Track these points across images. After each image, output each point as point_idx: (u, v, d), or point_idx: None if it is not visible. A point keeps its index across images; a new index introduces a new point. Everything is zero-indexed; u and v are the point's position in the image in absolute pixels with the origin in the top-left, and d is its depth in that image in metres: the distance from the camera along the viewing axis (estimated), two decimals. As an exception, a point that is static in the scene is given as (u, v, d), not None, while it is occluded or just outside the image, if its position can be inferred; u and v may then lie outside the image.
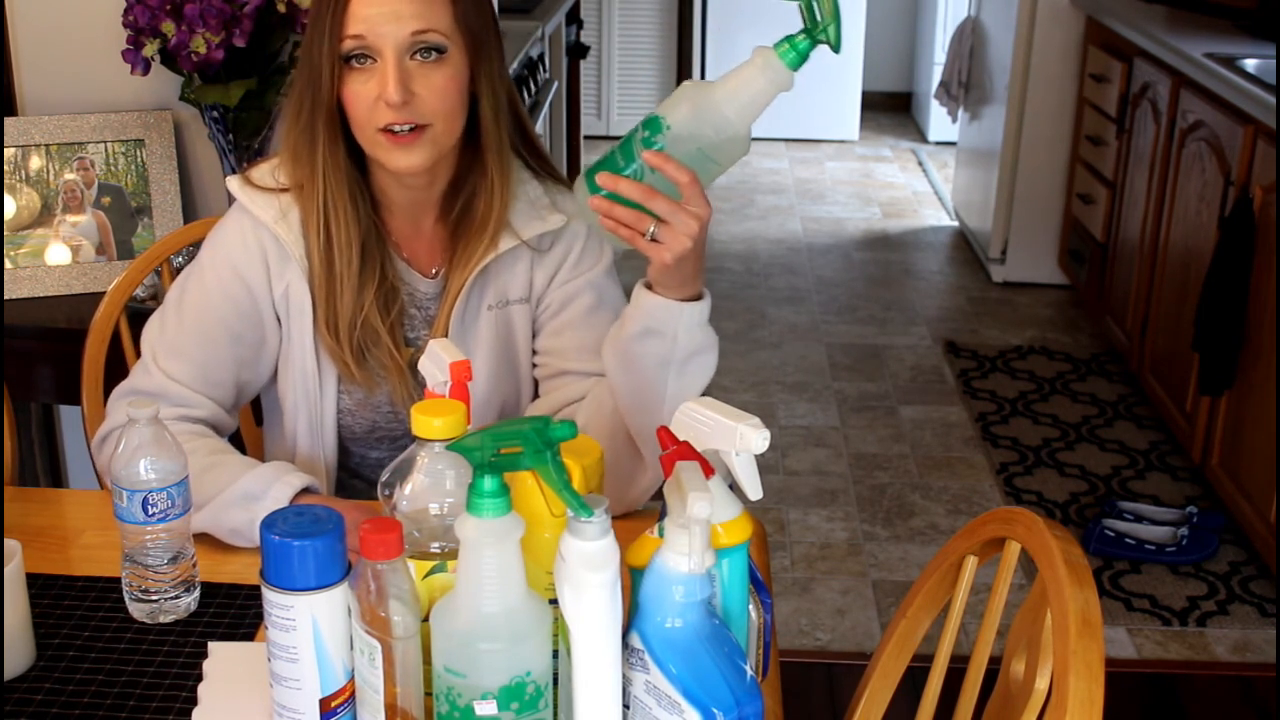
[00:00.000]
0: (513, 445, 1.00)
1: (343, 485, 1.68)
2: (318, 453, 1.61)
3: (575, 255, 1.61)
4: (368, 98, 1.44)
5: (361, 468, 1.69)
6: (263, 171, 1.57)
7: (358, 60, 1.45)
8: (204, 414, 1.57)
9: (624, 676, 1.01)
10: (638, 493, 1.54)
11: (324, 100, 1.47)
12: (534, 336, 1.65)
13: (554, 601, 1.00)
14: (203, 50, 2.16)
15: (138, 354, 1.87)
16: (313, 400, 1.59)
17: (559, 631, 1.01)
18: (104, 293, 1.86)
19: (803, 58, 1.30)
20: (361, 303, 1.53)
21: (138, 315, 1.93)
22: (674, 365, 1.43)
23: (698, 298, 1.42)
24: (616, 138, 6.65)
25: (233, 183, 1.57)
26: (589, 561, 0.96)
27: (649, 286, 1.42)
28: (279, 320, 1.58)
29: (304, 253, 1.54)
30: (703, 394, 1.40)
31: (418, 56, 1.45)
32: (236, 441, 2.19)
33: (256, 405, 1.96)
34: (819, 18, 1.28)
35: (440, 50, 1.45)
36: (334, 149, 1.50)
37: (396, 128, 1.44)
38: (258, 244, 1.55)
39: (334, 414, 1.60)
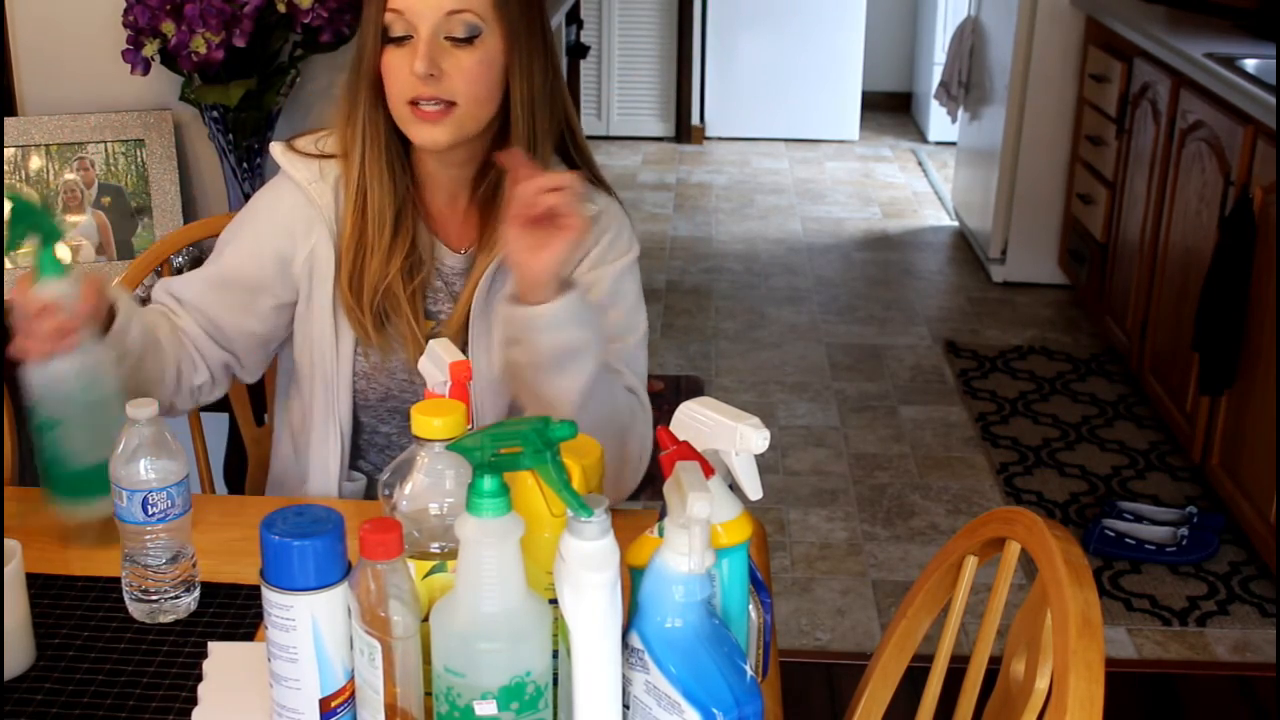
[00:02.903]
0: (513, 445, 1.00)
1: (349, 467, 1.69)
2: (332, 417, 1.64)
3: (601, 247, 1.62)
4: (401, 70, 1.50)
5: (369, 448, 1.70)
6: (306, 140, 1.64)
7: (398, 37, 1.50)
8: (184, 324, 1.63)
9: (624, 676, 1.01)
10: (623, 488, 1.56)
11: (367, 70, 1.54)
12: None
13: (554, 601, 1.00)
14: (203, 50, 2.16)
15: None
16: (328, 361, 1.62)
17: (559, 631, 1.01)
18: (104, 293, 1.86)
19: (53, 266, 1.38)
20: (387, 270, 1.58)
21: (138, 315, 1.93)
22: (544, 369, 1.45)
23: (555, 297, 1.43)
24: (617, 138, 6.68)
25: (276, 148, 1.64)
26: (589, 561, 0.96)
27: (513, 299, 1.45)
28: (298, 282, 1.62)
29: (335, 215, 1.60)
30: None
31: (453, 38, 1.49)
32: (236, 440, 2.19)
33: (257, 406, 1.96)
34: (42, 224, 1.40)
35: (475, 32, 1.49)
36: (374, 118, 1.56)
37: (423, 102, 1.50)
38: (287, 207, 1.62)
39: (349, 376, 1.63)
